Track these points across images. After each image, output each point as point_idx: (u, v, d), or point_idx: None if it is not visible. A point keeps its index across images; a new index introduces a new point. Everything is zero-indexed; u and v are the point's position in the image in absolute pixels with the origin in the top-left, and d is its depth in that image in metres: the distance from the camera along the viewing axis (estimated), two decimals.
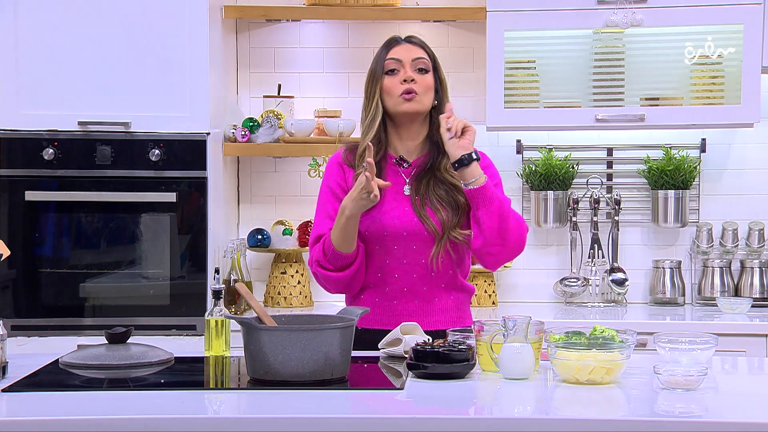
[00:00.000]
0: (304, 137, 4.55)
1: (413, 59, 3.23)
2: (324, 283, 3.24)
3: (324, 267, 3.18)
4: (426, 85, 3.22)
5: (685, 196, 4.63)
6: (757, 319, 4.30)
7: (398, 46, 3.27)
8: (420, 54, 3.25)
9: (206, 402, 2.62)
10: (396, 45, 3.27)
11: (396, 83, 3.21)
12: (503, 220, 3.11)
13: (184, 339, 4.24)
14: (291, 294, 4.59)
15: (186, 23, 4.27)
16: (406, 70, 3.22)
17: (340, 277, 3.18)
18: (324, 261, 3.17)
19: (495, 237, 3.12)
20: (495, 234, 3.11)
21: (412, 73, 3.21)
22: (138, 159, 4.28)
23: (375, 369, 2.90)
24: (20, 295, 4.30)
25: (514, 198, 4.77)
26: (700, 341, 2.83)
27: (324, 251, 3.16)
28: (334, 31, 4.79)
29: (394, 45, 3.27)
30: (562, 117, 4.51)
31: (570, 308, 4.63)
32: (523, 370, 2.72)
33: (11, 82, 4.27)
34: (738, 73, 4.42)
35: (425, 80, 3.23)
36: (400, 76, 3.22)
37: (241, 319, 2.70)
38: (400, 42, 3.28)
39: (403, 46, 3.27)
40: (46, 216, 4.30)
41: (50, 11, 4.26)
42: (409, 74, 3.21)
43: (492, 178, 3.19)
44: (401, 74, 3.22)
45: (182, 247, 4.32)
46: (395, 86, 3.21)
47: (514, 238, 3.14)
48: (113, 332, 2.94)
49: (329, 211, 3.23)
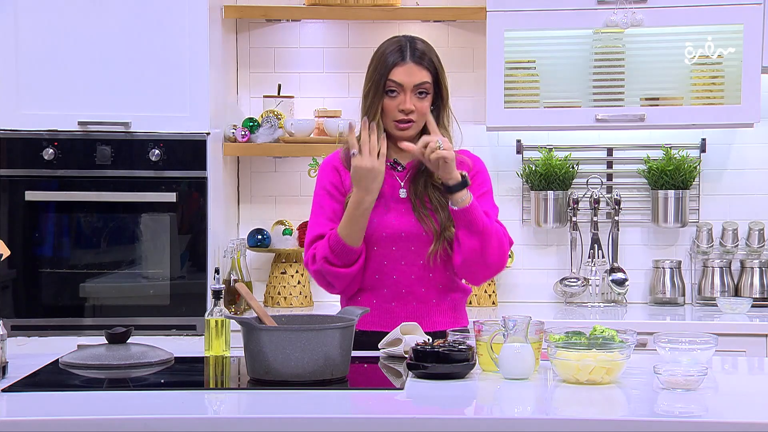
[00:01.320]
0: (304, 137, 4.55)
1: (415, 85, 3.18)
2: (330, 279, 3.20)
3: (332, 263, 3.16)
4: (422, 111, 3.19)
5: (685, 196, 4.63)
6: (757, 319, 4.30)
7: (402, 66, 3.17)
8: (423, 78, 3.18)
9: (206, 402, 2.62)
10: (401, 64, 3.17)
11: (393, 108, 3.17)
12: (484, 242, 3.10)
13: (184, 339, 4.24)
14: (291, 294, 4.59)
15: (186, 23, 4.27)
16: (405, 98, 3.16)
17: (347, 272, 3.17)
18: (332, 257, 3.16)
19: (475, 257, 3.12)
20: (475, 255, 3.12)
21: (411, 101, 3.16)
22: (138, 159, 4.28)
23: (375, 369, 2.90)
24: (20, 295, 4.30)
25: (514, 198, 4.78)
26: (700, 341, 2.83)
27: (331, 247, 3.15)
28: (334, 31, 4.79)
29: (399, 63, 3.17)
30: (562, 117, 4.51)
31: (570, 308, 4.63)
32: (523, 370, 2.72)
33: (11, 82, 4.27)
34: (738, 73, 4.42)
35: (422, 106, 3.18)
36: (398, 100, 3.17)
37: (241, 319, 2.70)
38: (406, 60, 3.18)
39: (406, 68, 3.17)
40: (46, 216, 4.30)
41: (50, 11, 4.26)
42: (408, 106, 3.16)
43: (482, 186, 3.21)
44: (400, 99, 3.17)
45: (182, 247, 4.32)
46: (393, 111, 3.18)
47: (494, 260, 3.14)
48: (113, 332, 2.94)
49: (327, 212, 3.23)
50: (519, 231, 4.77)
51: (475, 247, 3.10)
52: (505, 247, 3.16)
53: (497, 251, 3.13)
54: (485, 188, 3.24)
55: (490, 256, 3.13)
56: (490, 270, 3.19)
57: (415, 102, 3.18)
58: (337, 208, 3.21)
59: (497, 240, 3.12)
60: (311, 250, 3.22)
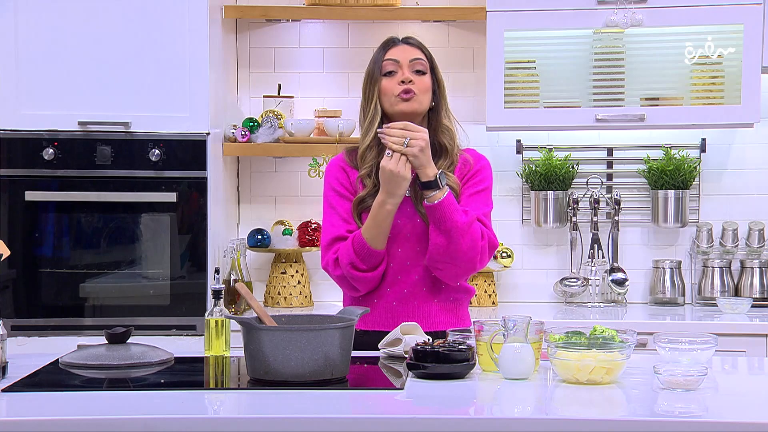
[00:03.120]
0: (304, 137, 4.55)
1: (411, 60, 3.23)
2: (356, 284, 3.19)
3: (358, 268, 3.15)
4: (424, 85, 3.22)
5: (685, 196, 4.63)
6: (757, 319, 4.30)
7: (395, 47, 3.27)
8: (417, 55, 3.25)
9: (206, 402, 2.62)
10: (393, 46, 3.27)
11: (394, 84, 3.21)
12: (451, 240, 3.09)
13: (184, 339, 4.24)
14: (291, 294, 4.59)
15: (186, 23, 4.27)
16: (403, 71, 3.22)
17: (374, 276, 3.17)
18: (358, 262, 3.15)
19: (441, 255, 3.12)
20: (441, 252, 3.11)
21: (409, 74, 3.21)
22: (138, 159, 4.28)
23: (375, 369, 2.90)
24: (20, 295, 4.30)
25: (514, 198, 4.78)
26: (700, 341, 2.83)
27: (356, 252, 3.14)
28: (334, 31, 4.79)
29: (392, 46, 3.27)
30: (562, 117, 4.51)
31: (570, 308, 4.63)
32: (523, 370, 2.72)
33: (11, 82, 4.27)
34: (738, 73, 4.42)
35: (423, 81, 3.22)
36: (397, 77, 3.21)
37: (241, 319, 2.70)
38: (398, 43, 3.28)
39: (400, 48, 3.26)
40: (46, 216, 4.30)
41: (50, 11, 4.26)
42: (407, 75, 3.21)
43: (479, 183, 3.23)
44: (399, 75, 3.21)
45: (182, 247, 4.32)
46: (393, 87, 3.21)
47: (464, 259, 3.12)
48: (113, 332, 2.94)
49: (341, 212, 3.22)
50: (519, 231, 4.78)
51: (441, 243, 3.10)
52: (478, 247, 3.12)
53: (467, 251, 3.11)
54: (482, 186, 3.24)
55: (459, 256, 3.11)
56: (460, 269, 3.15)
57: (414, 77, 3.21)
58: (349, 206, 3.21)
59: (469, 240, 3.10)
60: (331, 254, 3.19)
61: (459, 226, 3.09)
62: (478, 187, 3.24)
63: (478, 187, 3.24)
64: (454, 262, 3.13)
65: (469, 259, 3.13)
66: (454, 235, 3.09)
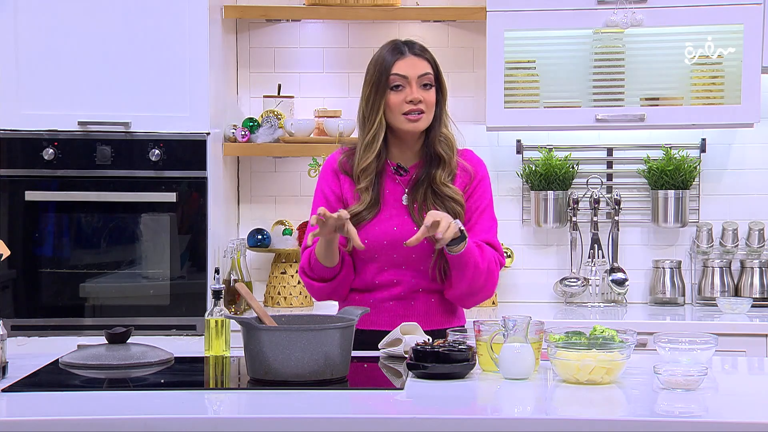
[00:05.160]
0: (304, 137, 4.55)
1: (419, 75, 3.18)
2: (308, 290, 3.30)
3: (308, 275, 3.24)
4: (430, 102, 3.20)
5: (685, 196, 4.63)
6: (757, 319, 4.30)
7: (404, 59, 3.19)
8: (426, 69, 3.20)
9: (206, 402, 2.63)
10: (401, 58, 3.19)
11: (401, 101, 3.17)
12: (473, 281, 3.15)
13: (184, 339, 4.24)
14: (291, 294, 4.59)
15: (186, 23, 4.27)
16: (412, 89, 3.17)
17: (322, 286, 3.23)
18: (308, 269, 3.22)
19: (463, 293, 3.20)
20: (463, 292, 3.19)
21: (418, 91, 3.17)
22: (138, 159, 4.28)
23: (375, 369, 2.90)
24: (20, 295, 4.30)
25: (514, 198, 4.78)
26: (700, 341, 2.83)
27: (309, 261, 3.21)
28: (334, 31, 4.79)
29: (400, 58, 3.19)
30: (562, 117, 4.51)
31: (570, 308, 4.63)
32: (523, 370, 2.72)
33: (11, 82, 4.27)
34: (738, 73, 4.42)
35: (429, 97, 3.19)
36: (405, 93, 3.17)
37: (241, 319, 2.71)
38: (405, 54, 3.20)
39: (408, 61, 3.19)
40: (46, 216, 4.30)
41: (50, 11, 4.26)
42: (416, 96, 3.16)
43: (481, 199, 3.23)
44: (407, 92, 3.17)
45: (182, 247, 4.32)
46: (400, 104, 3.17)
47: (482, 293, 3.21)
48: (113, 332, 2.94)
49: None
50: (519, 231, 4.78)
51: (464, 286, 3.17)
52: (494, 276, 3.20)
53: (484, 284, 3.18)
54: (485, 202, 3.26)
55: (479, 291, 3.20)
56: (478, 298, 3.25)
57: (422, 93, 3.18)
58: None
59: (486, 274, 3.16)
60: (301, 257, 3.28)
61: (479, 267, 3.14)
62: (481, 203, 3.24)
63: (482, 203, 3.24)
64: (474, 296, 3.22)
65: (488, 291, 3.22)
66: (476, 275, 3.14)
